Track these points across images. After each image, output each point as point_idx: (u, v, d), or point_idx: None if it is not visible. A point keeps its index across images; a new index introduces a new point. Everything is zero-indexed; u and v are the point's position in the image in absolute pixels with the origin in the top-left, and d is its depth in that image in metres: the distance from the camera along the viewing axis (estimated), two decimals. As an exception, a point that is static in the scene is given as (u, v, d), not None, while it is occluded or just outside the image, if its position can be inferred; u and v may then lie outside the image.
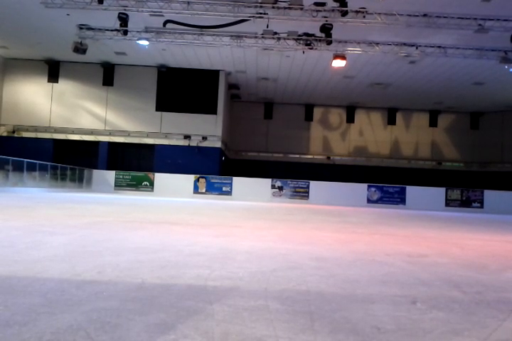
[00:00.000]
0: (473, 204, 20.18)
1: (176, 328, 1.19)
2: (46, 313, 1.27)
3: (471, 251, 3.60)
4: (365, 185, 20.43)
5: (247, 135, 25.16)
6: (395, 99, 23.48)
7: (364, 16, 13.10)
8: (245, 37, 15.31)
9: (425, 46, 15.33)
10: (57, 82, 20.80)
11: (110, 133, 20.78)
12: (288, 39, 14.84)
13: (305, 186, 20.22)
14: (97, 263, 2.09)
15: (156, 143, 20.84)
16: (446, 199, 20.32)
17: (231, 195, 19.55)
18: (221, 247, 2.98)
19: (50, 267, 1.96)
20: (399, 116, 25.87)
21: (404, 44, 15.34)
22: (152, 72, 20.71)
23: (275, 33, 14.57)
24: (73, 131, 20.67)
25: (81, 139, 20.73)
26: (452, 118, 25.90)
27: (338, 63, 15.33)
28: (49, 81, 20.78)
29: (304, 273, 2.10)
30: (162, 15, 13.99)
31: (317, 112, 25.88)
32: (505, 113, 24.28)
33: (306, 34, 14.60)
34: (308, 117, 25.76)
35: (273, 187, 20.25)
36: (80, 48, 15.34)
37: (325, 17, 13.11)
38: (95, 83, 20.79)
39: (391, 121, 25.78)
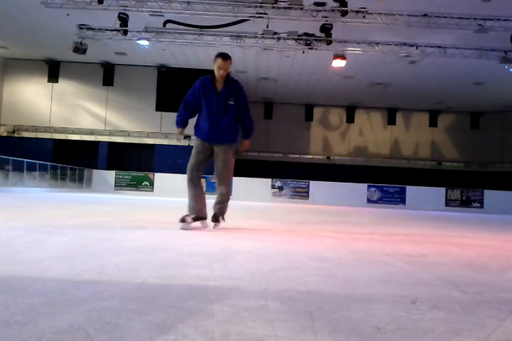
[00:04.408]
0: (473, 204, 20.19)
1: (176, 328, 1.20)
2: (46, 313, 1.27)
3: (471, 251, 3.60)
4: (365, 185, 20.43)
5: (247, 135, 25.07)
6: (395, 99, 23.48)
7: (364, 16, 13.10)
8: (245, 37, 15.31)
9: (425, 46, 15.32)
10: (57, 82, 20.81)
11: (110, 133, 20.78)
12: (288, 39, 14.84)
13: (305, 186, 20.23)
14: (97, 263, 2.10)
15: (156, 143, 20.83)
16: (446, 199, 20.32)
17: (231, 194, 19.52)
18: (221, 247, 2.98)
19: (50, 267, 1.96)
20: (399, 116, 25.85)
21: (404, 44, 15.34)
22: (152, 72, 20.71)
23: (275, 33, 14.57)
24: (73, 131, 20.67)
25: (81, 139, 20.73)
26: (452, 119, 25.88)
27: (338, 63, 15.33)
28: (49, 81, 20.78)
29: (304, 273, 2.10)
30: (162, 15, 14.00)
31: (317, 112, 25.86)
32: (505, 113, 24.26)
33: (306, 34, 14.60)
34: (309, 117, 25.74)
35: (273, 187, 20.27)
36: (79, 48, 15.34)
37: (325, 17, 13.11)
38: (95, 83, 20.80)
39: (391, 121, 25.76)
